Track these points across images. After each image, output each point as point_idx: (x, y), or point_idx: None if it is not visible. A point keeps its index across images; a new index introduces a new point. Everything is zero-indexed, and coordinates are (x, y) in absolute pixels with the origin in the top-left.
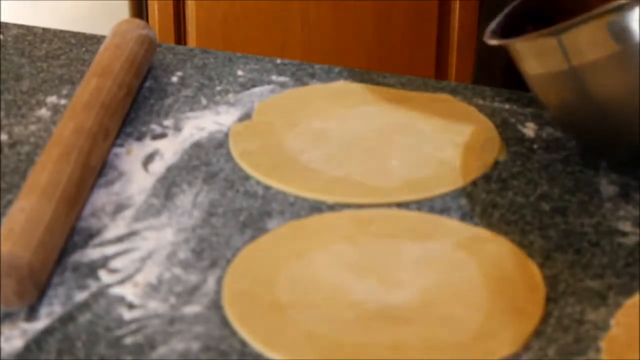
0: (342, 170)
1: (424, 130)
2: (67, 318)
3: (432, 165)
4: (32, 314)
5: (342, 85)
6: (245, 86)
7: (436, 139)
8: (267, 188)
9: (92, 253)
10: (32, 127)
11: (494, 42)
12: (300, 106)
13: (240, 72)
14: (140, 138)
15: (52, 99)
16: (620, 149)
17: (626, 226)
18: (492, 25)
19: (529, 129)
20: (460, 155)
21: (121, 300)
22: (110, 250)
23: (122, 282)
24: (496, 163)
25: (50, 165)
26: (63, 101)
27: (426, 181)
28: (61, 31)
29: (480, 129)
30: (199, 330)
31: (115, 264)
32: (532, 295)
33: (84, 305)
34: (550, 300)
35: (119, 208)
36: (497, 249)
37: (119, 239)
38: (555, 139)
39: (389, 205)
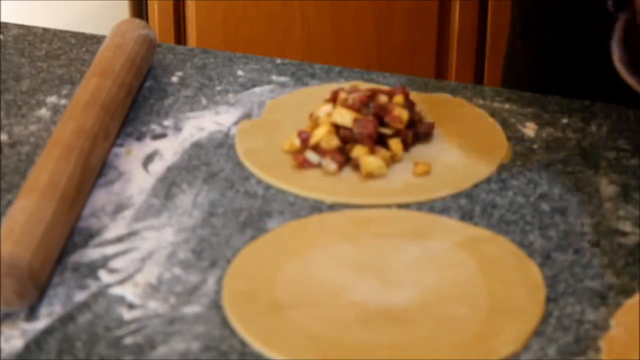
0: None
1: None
2: (67, 318)
3: (435, 168)
4: (32, 314)
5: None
6: (245, 86)
7: (441, 143)
8: (267, 188)
9: (92, 253)
10: (32, 127)
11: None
12: (311, 105)
13: (240, 72)
14: (140, 138)
15: (52, 99)
16: None
17: (626, 226)
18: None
19: (529, 129)
20: (466, 159)
21: (121, 300)
22: (110, 250)
23: (122, 282)
24: None
25: (50, 165)
26: (63, 101)
27: (428, 184)
28: (61, 31)
29: (488, 133)
30: (199, 330)
31: (115, 264)
32: (532, 295)
33: (84, 305)
34: (550, 300)
35: (119, 208)
36: (497, 249)
37: (119, 239)
38: (555, 139)
39: (389, 205)
